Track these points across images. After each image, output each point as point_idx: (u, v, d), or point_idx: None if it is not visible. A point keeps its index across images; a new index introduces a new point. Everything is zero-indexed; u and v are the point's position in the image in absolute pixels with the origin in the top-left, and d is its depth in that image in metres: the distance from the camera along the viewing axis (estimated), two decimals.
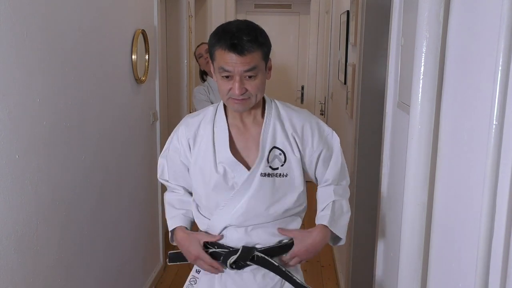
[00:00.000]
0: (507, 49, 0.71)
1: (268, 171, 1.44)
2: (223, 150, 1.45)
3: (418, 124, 1.08)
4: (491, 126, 0.74)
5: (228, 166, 1.45)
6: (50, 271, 1.78)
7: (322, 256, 3.75)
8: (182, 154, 1.53)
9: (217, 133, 1.48)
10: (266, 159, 1.44)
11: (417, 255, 1.15)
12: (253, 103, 1.43)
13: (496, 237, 0.74)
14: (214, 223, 1.49)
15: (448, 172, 1.01)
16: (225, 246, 1.49)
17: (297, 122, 1.50)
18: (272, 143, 1.46)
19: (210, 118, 1.51)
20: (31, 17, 1.60)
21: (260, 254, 1.47)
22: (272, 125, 1.47)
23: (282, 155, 1.46)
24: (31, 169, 1.63)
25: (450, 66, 1.02)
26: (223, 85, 1.39)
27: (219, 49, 1.36)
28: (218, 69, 1.38)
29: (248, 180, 1.43)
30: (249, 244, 1.48)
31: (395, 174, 1.56)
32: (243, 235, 1.48)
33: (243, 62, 1.34)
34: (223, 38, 1.35)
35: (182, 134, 1.53)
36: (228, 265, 1.47)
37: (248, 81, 1.37)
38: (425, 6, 1.03)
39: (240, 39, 1.33)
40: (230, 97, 1.39)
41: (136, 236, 2.82)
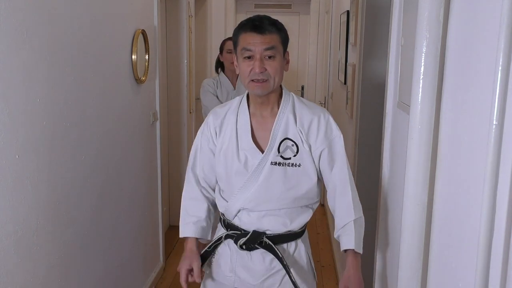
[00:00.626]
0: (507, 49, 0.71)
1: (279, 160, 1.55)
2: (244, 138, 1.59)
3: (418, 124, 1.08)
4: (491, 126, 0.74)
5: (248, 153, 1.58)
6: (50, 271, 1.78)
7: (322, 256, 3.75)
8: (210, 141, 1.67)
9: (240, 123, 1.62)
10: (277, 149, 1.55)
11: (417, 255, 1.15)
12: (271, 87, 1.55)
13: (496, 237, 0.74)
14: (230, 206, 1.63)
15: (448, 172, 1.01)
16: (239, 228, 1.63)
17: (306, 117, 1.59)
18: (284, 134, 1.57)
19: (235, 108, 1.65)
20: (31, 17, 1.60)
21: (268, 241, 1.59)
22: (286, 118, 1.58)
23: (294, 146, 1.56)
24: (31, 169, 1.63)
25: (450, 66, 1.02)
26: (245, 67, 1.54)
27: (242, 33, 1.55)
28: (240, 51, 1.55)
29: (258, 167, 1.56)
30: (260, 230, 1.60)
31: (395, 174, 1.56)
32: (255, 220, 1.60)
33: (263, 42, 1.50)
34: (247, 24, 1.55)
35: (211, 123, 1.67)
36: (239, 246, 1.61)
37: (267, 61, 1.52)
38: (425, 6, 1.03)
39: (261, 21, 1.53)
40: (251, 80, 1.53)
41: (136, 236, 2.82)
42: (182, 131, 4.17)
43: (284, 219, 1.61)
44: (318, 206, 1.74)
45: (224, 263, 1.70)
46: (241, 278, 1.67)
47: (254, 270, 1.65)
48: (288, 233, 1.62)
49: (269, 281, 1.65)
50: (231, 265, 1.68)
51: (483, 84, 0.83)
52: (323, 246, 3.96)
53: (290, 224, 1.61)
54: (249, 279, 1.66)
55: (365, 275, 2.66)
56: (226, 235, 1.67)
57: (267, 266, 1.64)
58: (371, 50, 2.51)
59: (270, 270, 1.64)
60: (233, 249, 1.67)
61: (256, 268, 1.64)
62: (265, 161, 1.56)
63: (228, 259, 1.68)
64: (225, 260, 1.70)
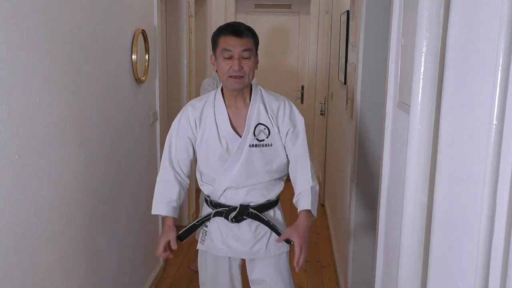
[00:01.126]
0: (507, 49, 0.71)
1: (255, 142, 1.85)
2: (224, 126, 1.86)
3: (418, 124, 1.08)
4: (491, 126, 0.74)
5: (229, 139, 1.85)
6: (50, 271, 1.78)
7: (322, 256, 3.75)
8: (189, 131, 1.91)
9: (217, 114, 1.87)
10: (253, 133, 1.85)
11: (417, 255, 1.15)
12: (246, 82, 1.83)
13: (496, 237, 0.74)
14: (216, 187, 1.91)
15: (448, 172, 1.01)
16: (226, 205, 1.92)
17: (274, 104, 1.90)
18: (257, 120, 1.86)
19: (211, 102, 1.90)
20: (31, 17, 1.60)
21: (253, 210, 1.90)
22: (257, 107, 1.88)
23: (266, 129, 1.87)
24: (31, 169, 1.63)
25: (450, 66, 1.02)
26: (224, 65, 1.80)
27: (222, 36, 1.81)
28: (221, 51, 1.80)
29: (238, 150, 1.84)
30: (245, 203, 1.90)
31: (395, 174, 1.56)
32: (240, 195, 1.90)
33: (241, 44, 1.78)
34: (226, 28, 1.82)
35: (191, 115, 1.90)
36: (230, 219, 1.90)
37: (244, 61, 1.79)
38: (425, 6, 1.03)
39: (239, 27, 1.82)
40: (229, 76, 1.80)
41: (136, 236, 2.82)
42: None
43: (263, 191, 1.92)
44: (318, 206, 1.94)
45: (215, 238, 1.97)
46: (232, 248, 1.95)
47: (243, 239, 1.94)
48: (267, 202, 1.94)
49: (257, 246, 1.95)
50: (222, 238, 1.96)
51: (483, 84, 0.83)
52: (323, 246, 3.96)
53: (268, 194, 1.94)
54: (240, 247, 1.94)
55: (365, 275, 2.67)
56: (215, 212, 1.93)
57: (254, 233, 1.94)
58: (371, 50, 2.51)
59: (256, 236, 1.94)
60: (221, 224, 1.95)
61: (245, 236, 1.94)
62: (243, 144, 1.84)
63: (219, 233, 1.96)
64: (215, 235, 1.97)
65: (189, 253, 3.73)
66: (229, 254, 1.97)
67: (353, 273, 2.79)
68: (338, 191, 3.61)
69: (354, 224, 2.73)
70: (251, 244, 1.94)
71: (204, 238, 2.00)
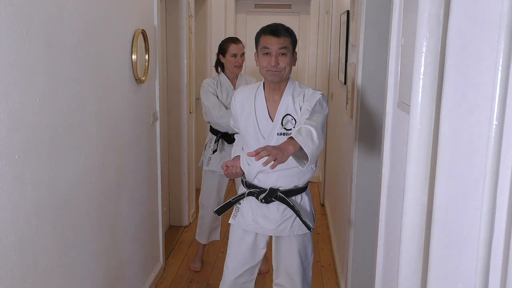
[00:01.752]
0: (507, 49, 0.71)
1: (283, 131, 2.09)
2: (262, 114, 2.13)
3: (418, 124, 1.08)
4: (491, 126, 0.74)
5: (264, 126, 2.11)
6: (50, 271, 1.78)
7: (322, 256, 3.75)
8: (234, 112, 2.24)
9: (257, 103, 2.16)
10: (280, 123, 2.09)
11: (417, 255, 1.15)
12: (282, 76, 2.08)
13: (496, 237, 0.74)
14: (251, 169, 2.18)
15: (448, 172, 1.01)
16: (258, 187, 2.18)
17: (299, 93, 2.12)
18: (285, 111, 2.10)
19: (253, 92, 2.18)
20: (31, 17, 1.60)
21: (281, 194, 2.15)
22: (287, 100, 2.11)
23: (293, 120, 2.09)
24: (31, 169, 1.63)
25: (450, 66, 1.02)
26: (263, 61, 2.07)
27: (263, 35, 2.08)
28: (261, 49, 2.07)
29: (269, 136, 2.10)
30: (275, 187, 2.16)
31: (395, 174, 1.56)
32: (271, 179, 2.15)
33: (278, 42, 2.04)
34: (267, 28, 2.09)
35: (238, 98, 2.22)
36: (259, 200, 2.16)
37: (280, 57, 2.05)
38: (425, 6, 1.03)
39: (277, 27, 2.07)
40: (268, 70, 2.06)
41: (136, 236, 2.82)
42: (182, 131, 4.17)
43: (292, 178, 2.16)
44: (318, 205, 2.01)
45: (246, 214, 2.23)
46: (260, 225, 2.20)
47: (271, 218, 2.18)
48: (295, 188, 2.18)
49: (283, 225, 2.19)
50: (253, 216, 2.21)
51: (483, 84, 0.83)
52: (323, 246, 3.96)
53: (297, 181, 2.18)
54: (268, 225, 2.19)
55: (365, 275, 2.67)
56: (248, 192, 2.20)
57: (281, 214, 2.18)
58: (371, 50, 2.51)
59: (283, 217, 2.18)
60: (253, 203, 2.21)
61: (272, 216, 2.18)
62: (273, 132, 2.09)
63: (250, 211, 2.22)
64: (247, 212, 2.23)
65: (189, 253, 3.73)
66: (257, 230, 2.22)
67: (353, 273, 2.79)
68: (338, 191, 3.61)
69: (354, 224, 2.73)
70: (278, 223, 2.18)
71: (236, 214, 2.26)
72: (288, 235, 2.21)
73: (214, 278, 3.32)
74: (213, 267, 3.52)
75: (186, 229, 4.16)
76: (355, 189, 2.70)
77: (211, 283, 3.30)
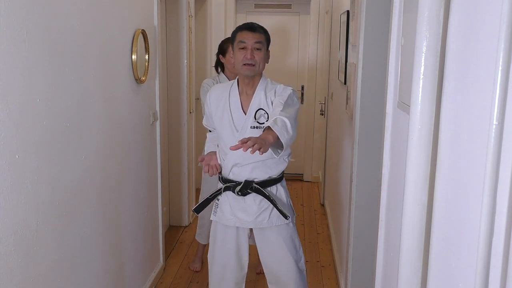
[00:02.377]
0: (507, 49, 0.71)
1: (256, 125, 2.17)
2: (235, 108, 2.21)
3: (418, 124, 1.08)
4: (491, 126, 0.74)
5: (238, 118, 2.18)
6: (50, 271, 1.78)
7: (322, 256, 3.75)
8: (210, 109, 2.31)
9: (231, 98, 2.24)
10: (253, 116, 2.18)
11: (417, 255, 1.15)
12: (257, 71, 2.18)
13: (496, 237, 0.74)
14: (226, 164, 2.26)
15: (448, 172, 1.01)
16: (234, 181, 2.25)
17: (271, 88, 2.22)
18: (257, 106, 2.19)
19: (227, 89, 2.27)
20: (31, 17, 1.60)
21: (256, 185, 2.22)
22: (259, 94, 2.20)
23: (266, 114, 2.17)
24: (31, 169, 1.63)
25: (450, 66, 1.02)
26: (239, 55, 2.16)
27: (239, 32, 2.20)
28: (237, 43, 2.17)
29: (242, 131, 2.17)
30: (250, 179, 2.23)
31: (395, 174, 1.56)
32: (245, 172, 2.22)
33: (254, 37, 2.16)
34: (242, 26, 2.22)
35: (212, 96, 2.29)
36: (236, 192, 2.23)
37: (256, 52, 2.15)
38: (425, 6, 1.03)
39: (252, 24, 2.22)
40: (244, 64, 2.15)
41: (136, 236, 2.82)
42: (182, 131, 4.17)
43: (266, 169, 2.24)
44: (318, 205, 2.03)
45: (225, 209, 2.29)
46: (240, 219, 2.27)
47: (248, 210, 2.25)
48: (270, 179, 2.26)
49: (261, 217, 2.26)
50: (231, 210, 2.28)
51: (483, 84, 0.83)
52: (323, 246, 3.96)
53: (271, 171, 2.25)
54: (246, 217, 2.26)
55: (365, 275, 2.67)
56: (225, 187, 2.27)
57: (258, 206, 2.25)
58: (371, 50, 2.51)
59: (260, 209, 2.25)
60: (230, 197, 2.28)
61: (250, 208, 2.25)
62: (246, 125, 2.17)
63: (228, 205, 2.29)
64: (225, 207, 2.29)
65: (189, 253, 3.73)
66: (237, 224, 2.29)
67: (353, 273, 2.79)
68: (338, 191, 3.61)
69: (354, 224, 2.73)
70: (255, 215, 2.25)
71: (216, 210, 2.32)
72: (268, 226, 2.28)
73: None
74: None
75: (186, 229, 4.16)
76: (355, 189, 2.70)
77: None
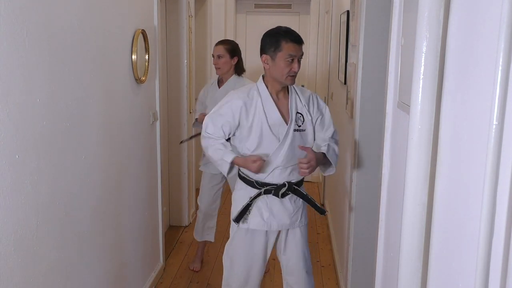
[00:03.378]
0: (507, 49, 0.71)
1: (296, 128, 2.24)
2: (273, 115, 2.22)
3: (418, 124, 1.08)
4: (491, 126, 0.74)
5: (277, 125, 2.21)
6: (50, 271, 1.78)
7: (322, 256, 3.75)
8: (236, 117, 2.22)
9: (265, 104, 2.22)
10: (294, 120, 2.23)
11: (417, 255, 1.14)
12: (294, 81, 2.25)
13: (496, 237, 0.74)
14: (267, 167, 2.22)
15: (448, 172, 1.01)
16: (272, 184, 2.25)
17: (304, 95, 2.30)
18: (295, 109, 2.26)
19: (256, 94, 2.24)
20: (31, 17, 1.60)
21: (295, 186, 2.28)
22: (294, 98, 2.27)
23: (301, 117, 2.26)
24: (31, 169, 1.63)
25: (450, 66, 1.02)
26: (286, 66, 2.16)
27: (285, 42, 2.15)
28: (286, 55, 2.15)
29: (287, 134, 2.21)
30: (289, 180, 2.26)
31: (395, 174, 1.56)
32: (285, 174, 2.25)
33: (301, 49, 2.19)
34: (288, 36, 2.17)
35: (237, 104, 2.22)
36: (280, 195, 2.25)
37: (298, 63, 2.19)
38: (425, 6, 1.03)
39: (298, 35, 2.20)
40: (289, 75, 2.18)
41: (136, 236, 2.82)
42: (182, 131, 4.17)
43: (298, 171, 2.24)
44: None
45: (263, 213, 2.27)
46: (277, 220, 2.27)
47: (287, 211, 2.28)
48: (301, 180, 2.32)
49: (295, 217, 2.31)
50: (270, 213, 2.27)
51: (483, 84, 0.83)
52: (323, 246, 3.96)
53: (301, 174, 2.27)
54: (284, 218, 2.28)
55: (365, 275, 2.67)
56: (265, 190, 2.25)
57: (294, 205, 2.30)
58: (371, 50, 2.51)
59: (296, 208, 2.31)
60: (270, 200, 2.27)
61: (288, 209, 2.29)
62: (289, 129, 2.21)
63: (267, 209, 2.27)
64: (262, 211, 2.27)
65: (189, 253, 3.73)
66: (273, 227, 2.29)
67: (353, 273, 2.79)
68: (338, 191, 3.61)
69: (354, 224, 2.73)
70: (292, 215, 2.30)
71: (247, 217, 2.28)
72: (299, 226, 2.34)
73: (214, 278, 3.32)
74: (213, 267, 3.52)
75: (186, 229, 4.16)
76: (355, 189, 2.70)
77: (211, 283, 3.30)
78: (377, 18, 2.46)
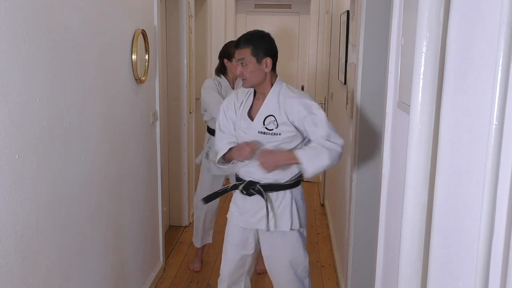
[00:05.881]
0: (507, 49, 0.71)
1: (264, 130, 2.20)
2: (245, 112, 2.28)
3: (418, 124, 1.08)
4: (491, 126, 0.74)
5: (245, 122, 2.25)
6: (50, 271, 1.78)
7: (322, 256, 3.75)
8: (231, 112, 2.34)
9: (245, 103, 2.30)
10: (262, 122, 2.20)
11: (417, 255, 1.15)
12: (250, 84, 2.22)
13: (496, 237, 0.74)
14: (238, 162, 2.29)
15: (448, 172, 1.01)
16: (241, 179, 2.29)
17: (287, 99, 2.20)
18: (267, 112, 2.20)
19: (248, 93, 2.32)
20: (31, 17, 1.60)
21: (259, 187, 2.24)
22: (271, 101, 2.21)
23: (275, 121, 2.19)
24: (31, 169, 1.63)
25: (450, 66, 1.02)
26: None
27: None
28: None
29: (249, 132, 2.23)
30: (255, 179, 2.25)
31: (395, 174, 1.56)
32: (250, 172, 2.25)
33: (238, 53, 2.20)
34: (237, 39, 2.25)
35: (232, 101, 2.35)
36: (240, 190, 2.29)
37: (243, 68, 2.19)
38: (425, 6, 1.03)
39: (240, 38, 2.22)
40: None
41: (136, 236, 2.82)
42: (182, 131, 4.17)
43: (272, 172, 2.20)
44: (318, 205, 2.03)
45: (234, 207, 2.35)
46: (243, 217, 2.29)
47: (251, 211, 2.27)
48: (276, 183, 2.24)
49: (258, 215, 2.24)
50: (238, 208, 2.32)
51: (483, 84, 0.83)
52: (323, 246, 3.96)
53: (276, 175, 2.21)
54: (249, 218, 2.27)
55: (365, 275, 2.67)
56: (233, 185, 2.35)
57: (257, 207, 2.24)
58: (371, 50, 2.51)
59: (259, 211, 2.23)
60: (237, 196, 2.34)
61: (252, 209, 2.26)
62: (253, 129, 2.21)
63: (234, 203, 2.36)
64: (233, 205, 2.36)
65: (189, 253, 3.73)
66: (240, 223, 2.32)
67: (353, 273, 2.79)
68: (338, 191, 3.61)
69: (354, 224, 2.73)
70: (257, 216, 2.25)
71: (230, 207, 2.40)
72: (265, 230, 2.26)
73: (214, 278, 3.32)
74: (213, 267, 3.52)
75: (186, 229, 4.16)
76: (355, 189, 2.70)
77: (211, 283, 3.30)
78: (377, 18, 2.46)
